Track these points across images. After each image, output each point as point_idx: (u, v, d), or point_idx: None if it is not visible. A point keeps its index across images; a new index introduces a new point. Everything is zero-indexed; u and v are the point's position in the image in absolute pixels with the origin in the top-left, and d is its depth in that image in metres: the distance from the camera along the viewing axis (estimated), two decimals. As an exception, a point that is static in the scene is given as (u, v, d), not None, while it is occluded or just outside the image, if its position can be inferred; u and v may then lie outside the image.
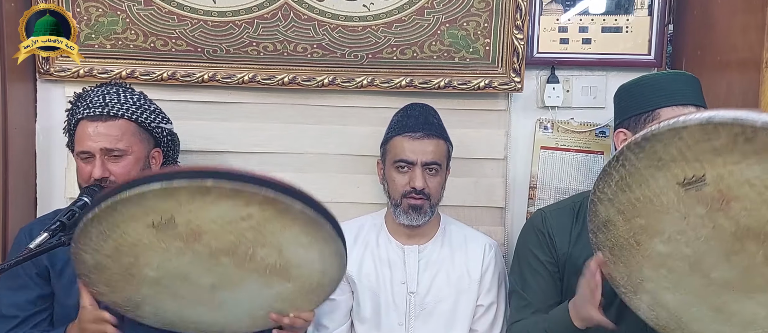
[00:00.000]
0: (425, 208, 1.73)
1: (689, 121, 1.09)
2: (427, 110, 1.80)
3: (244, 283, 1.36)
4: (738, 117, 1.05)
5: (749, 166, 1.08)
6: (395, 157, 1.73)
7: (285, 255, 1.32)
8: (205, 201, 1.20)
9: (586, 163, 2.05)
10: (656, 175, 1.16)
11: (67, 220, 1.36)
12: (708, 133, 1.08)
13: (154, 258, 1.30)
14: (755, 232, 1.14)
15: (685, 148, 1.11)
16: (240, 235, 1.27)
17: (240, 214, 1.23)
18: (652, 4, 2.00)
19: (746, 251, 1.17)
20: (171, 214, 1.22)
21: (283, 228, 1.26)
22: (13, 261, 1.26)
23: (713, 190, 1.13)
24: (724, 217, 1.15)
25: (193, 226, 1.24)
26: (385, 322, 1.76)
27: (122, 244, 1.27)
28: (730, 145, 1.07)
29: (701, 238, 1.19)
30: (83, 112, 1.59)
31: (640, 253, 1.26)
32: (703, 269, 1.22)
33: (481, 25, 1.93)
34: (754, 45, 1.60)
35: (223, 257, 1.30)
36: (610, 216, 1.26)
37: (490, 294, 1.79)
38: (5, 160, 1.84)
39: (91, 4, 1.90)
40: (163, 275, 1.33)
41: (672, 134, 1.11)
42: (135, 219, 1.23)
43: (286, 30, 1.92)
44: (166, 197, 1.19)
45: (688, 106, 1.50)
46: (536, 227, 1.68)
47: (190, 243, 1.27)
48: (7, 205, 1.85)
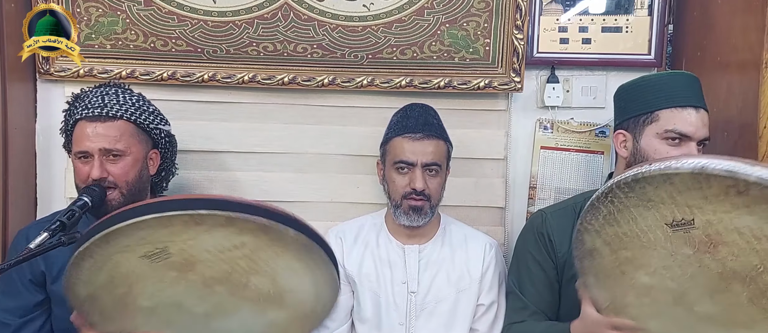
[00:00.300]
0: (425, 209, 1.73)
1: (681, 168, 1.09)
2: (427, 111, 1.80)
3: (237, 311, 1.35)
4: (731, 169, 1.05)
5: (740, 216, 1.09)
6: (395, 157, 1.73)
7: (278, 282, 1.31)
8: (198, 230, 1.19)
9: (586, 163, 2.05)
10: (645, 214, 1.17)
11: (67, 219, 1.36)
12: (700, 181, 1.08)
13: (147, 287, 1.29)
14: (741, 275, 1.15)
15: (675, 193, 1.11)
16: (233, 263, 1.26)
17: (233, 242, 1.22)
18: (652, 4, 2.00)
19: (731, 291, 1.18)
20: (164, 245, 1.21)
21: (276, 255, 1.26)
22: (13, 261, 1.26)
23: (701, 234, 1.14)
24: (711, 259, 1.16)
25: (187, 255, 1.24)
26: (385, 322, 1.77)
27: (115, 275, 1.26)
28: (721, 195, 1.08)
29: (687, 275, 1.20)
30: (82, 113, 1.59)
31: (624, 281, 1.27)
32: (687, 302, 1.23)
33: (481, 26, 1.93)
34: (754, 45, 1.60)
35: (217, 286, 1.30)
36: (597, 246, 1.26)
37: (490, 293, 1.79)
38: (5, 160, 1.84)
39: (91, 4, 1.90)
40: (157, 304, 1.33)
41: (663, 179, 1.11)
42: (128, 250, 1.22)
43: (286, 30, 1.92)
44: (159, 227, 1.19)
45: (688, 107, 1.50)
46: (536, 229, 1.68)
47: (183, 272, 1.27)
48: (7, 205, 1.85)
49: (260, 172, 2.04)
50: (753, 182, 1.04)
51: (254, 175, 2.03)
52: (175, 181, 1.86)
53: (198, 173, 2.01)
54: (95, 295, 1.30)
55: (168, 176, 1.80)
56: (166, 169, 1.77)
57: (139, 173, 1.61)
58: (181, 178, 1.91)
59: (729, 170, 1.05)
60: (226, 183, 2.02)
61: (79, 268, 1.25)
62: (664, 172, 1.10)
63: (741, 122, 1.67)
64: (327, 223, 1.96)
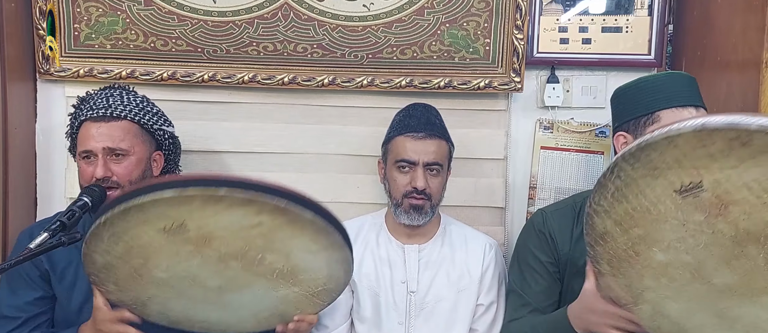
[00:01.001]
0: (426, 209, 1.73)
1: (683, 128, 1.08)
2: (430, 110, 1.80)
3: (251, 286, 1.37)
4: (732, 121, 1.04)
5: (746, 169, 1.08)
6: (397, 156, 1.73)
7: (292, 260, 1.33)
8: (217, 208, 1.21)
9: (586, 163, 2.05)
10: (652, 183, 1.16)
11: (67, 220, 1.36)
12: (703, 139, 1.07)
13: (163, 260, 1.31)
14: (755, 235, 1.14)
15: (680, 156, 1.10)
16: (250, 241, 1.28)
17: (251, 221, 1.24)
18: (652, 4, 2.00)
19: (747, 255, 1.16)
20: (183, 220, 1.23)
21: (292, 236, 1.28)
22: (13, 260, 1.26)
23: (711, 195, 1.12)
24: (723, 222, 1.14)
25: (204, 231, 1.25)
26: (385, 322, 1.77)
27: (133, 247, 1.28)
28: (725, 150, 1.07)
29: (701, 245, 1.18)
30: (86, 114, 1.60)
31: (639, 263, 1.26)
32: (705, 275, 1.21)
33: (481, 25, 1.93)
34: (754, 45, 1.60)
35: (232, 261, 1.31)
36: (608, 228, 1.25)
37: (490, 293, 1.79)
38: (5, 160, 1.84)
39: (91, 4, 1.90)
40: (171, 276, 1.34)
41: (666, 142, 1.10)
42: (147, 223, 1.24)
43: (286, 30, 1.92)
44: (179, 204, 1.20)
45: (688, 107, 1.50)
46: (537, 227, 1.68)
47: (200, 247, 1.28)
48: (7, 205, 1.85)
49: (260, 172, 2.03)
50: (755, 131, 1.02)
51: (254, 175, 2.03)
52: (175, 181, 1.86)
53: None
54: (111, 264, 1.32)
55: None
56: (170, 170, 1.78)
57: (142, 174, 1.61)
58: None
59: (730, 123, 1.04)
60: (226, 183, 2.02)
61: (99, 238, 1.27)
62: (667, 134, 1.09)
63: (741, 122, 1.67)
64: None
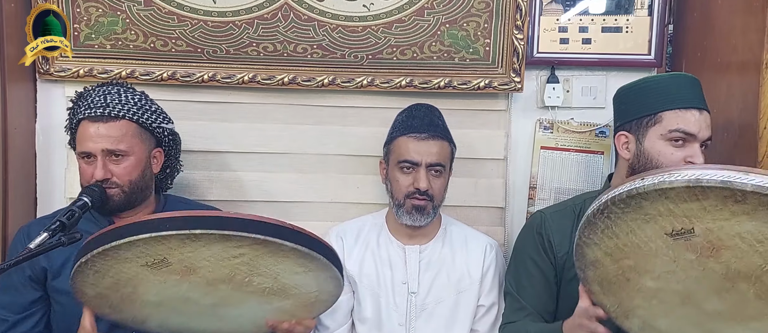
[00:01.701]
0: (428, 209, 1.73)
1: (675, 181, 1.07)
2: (432, 111, 1.80)
3: (244, 302, 1.38)
4: (726, 180, 1.04)
5: (740, 223, 1.08)
6: (399, 157, 1.73)
7: (281, 281, 1.33)
8: (195, 245, 1.21)
9: (586, 163, 2.05)
10: (643, 226, 1.16)
11: (67, 220, 1.36)
12: (696, 194, 1.07)
13: (152, 288, 1.32)
14: (746, 274, 1.15)
15: (672, 206, 1.11)
16: (234, 268, 1.28)
17: (232, 253, 1.24)
18: (652, 4, 2.00)
19: (737, 290, 1.17)
20: (163, 256, 1.24)
21: (276, 262, 1.28)
22: (13, 260, 1.26)
23: (702, 240, 1.13)
24: (715, 262, 1.15)
25: (187, 263, 1.26)
26: (385, 322, 1.77)
27: (120, 279, 1.29)
28: (719, 205, 1.07)
29: (691, 278, 1.19)
30: (84, 112, 1.59)
31: (630, 287, 1.26)
32: (695, 302, 1.23)
33: (481, 26, 1.93)
34: (754, 46, 1.60)
35: (220, 284, 1.32)
36: (598, 257, 1.26)
37: (491, 294, 1.79)
38: (5, 160, 1.84)
39: (91, 4, 1.90)
40: (164, 299, 1.35)
41: (658, 194, 1.10)
42: (128, 261, 1.25)
43: (286, 30, 1.92)
44: (156, 243, 1.21)
45: (691, 109, 1.50)
46: (535, 229, 1.67)
47: (186, 276, 1.29)
48: (7, 205, 1.85)
49: (260, 173, 2.03)
50: (750, 192, 1.03)
51: (254, 176, 2.03)
52: (177, 180, 1.86)
53: (198, 173, 2.01)
54: (103, 294, 1.33)
55: (173, 173, 1.81)
56: (171, 166, 1.78)
57: (142, 173, 1.61)
58: (182, 178, 1.91)
59: (724, 181, 1.04)
60: (227, 183, 2.02)
61: (84, 275, 1.28)
62: (659, 186, 1.09)
63: (741, 123, 1.67)
64: (327, 223, 1.96)
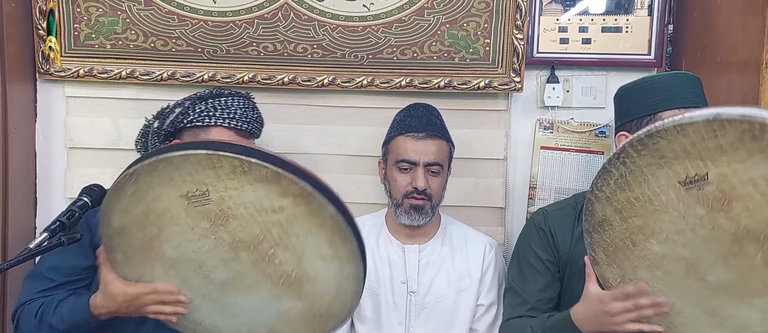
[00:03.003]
0: (427, 209, 1.73)
1: (696, 117, 1.08)
2: (430, 111, 1.80)
3: (255, 288, 1.34)
4: (746, 114, 1.05)
5: (754, 164, 1.08)
6: (397, 156, 1.73)
7: (303, 265, 1.30)
8: (242, 180, 1.20)
9: (586, 163, 2.05)
10: (657, 173, 1.15)
11: (67, 219, 1.36)
12: (714, 129, 1.07)
13: (176, 235, 1.29)
14: (755, 234, 1.14)
15: (689, 145, 1.10)
16: (266, 229, 1.26)
17: (272, 204, 1.22)
18: (652, 4, 2.00)
19: (744, 253, 1.16)
20: (206, 188, 1.22)
21: (309, 232, 1.26)
22: (13, 261, 1.26)
23: (715, 189, 1.12)
24: (724, 217, 1.14)
25: (225, 206, 1.24)
26: (385, 322, 1.77)
27: (151, 211, 1.26)
28: (736, 142, 1.07)
29: (699, 239, 1.18)
30: (229, 122, 1.61)
31: (635, 254, 1.26)
32: (700, 271, 1.22)
33: (481, 26, 1.93)
34: (754, 46, 1.60)
35: (243, 252, 1.29)
36: (607, 215, 1.25)
37: (490, 294, 1.79)
38: (5, 160, 1.84)
39: (91, 4, 1.90)
40: (180, 256, 1.32)
41: (677, 131, 1.10)
42: (171, 184, 1.22)
43: (286, 30, 1.92)
44: (208, 167, 1.20)
45: (690, 108, 1.49)
46: (538, 225, 1.67)
47: (216, 226, 1.26)
48: (7, 205, 1.85)
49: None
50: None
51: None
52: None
53: (198, 173, 2.01)
54: (126, 228, 1.30)
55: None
56: None
57: None
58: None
59: (744, 114, 1.05)
60: (226, 183, 2.02)
61: (122, 192, 1.25)
62: (679, 123, 1.09)
63: (741, 122, 1.67)
64: None
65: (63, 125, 2.00)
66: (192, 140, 1.58)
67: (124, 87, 1.99)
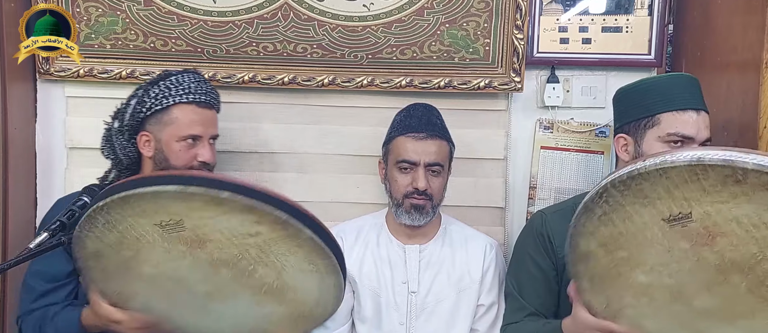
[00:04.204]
0: (427, 209, 1.73)
1: (677, 160, 1.08)
2: (431, 111, 1.80)
3: (236, 297, 1.35)
4: (728, 158, 1.05)
5: (738, 205, 1.08)
6: (398, 157, 1.73)
7: (284, 278, 1.31)
8: (217, 211, 1.20)
9: (586, 163, 2.05)
10: (641, 211, 1.16)
11: (67, 219, 1.36)
12: (697, 173, 1.07)
13: (154, 256, 1.29)
14: (740, 265, 1.15)
15: (672, 187, 1.11)
16: (244, 250, 1.26)
17: (248, 230, 1.22)
18: (652, 4, 2.00)
19: (729, 283, 1.17)
20: (180, 218, 1.22)
21: (288, 252, 1.26)
22: (13, 261, 1.26)
23: (699, 226, 1.13)
24: (709, 251, 1.15)
25: (200, 232, 1.24)
26: (386, 322, 1.77)
27: (126, 237, 1.26)
28: (718, 185, 1.07)
29: (684, 270, 1.19)
30: (189, 97, 1.61)
31: (620, 282, 1.26)
32: (685, 298, 1.22)
33: (481, 26, 1.93)
34: (754, 45, 1.60)
35: (222, 269, 1.30)
36: (591, 249, 1.25)
37: (491, 294, 1.79)
38: (5, 160, 1.84)
39: (91, 4, 1.90)
40: (159, 274, 1.32)
41: (659, 173, 1.10)
42: (144, 215, 1.22)
43: (285, 30, 1.92)
44: (180, 201, 1.19)
45: (688, 110, 1.50)
46: (536, 230, 1.67)
47: (193, 249, 1.26)
48: (7, 205, 1.85)
49: (260, 172, 2.03)
50: (751, 170, 1.03)
51: (254, 175, 2.03)
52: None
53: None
54: (102, 252, 1.30)
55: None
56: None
57: None
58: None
59: (726, 159, 1.05)
60: (226, 183, 2.02)
61: (93, 222, 1.25)
62: (660, 166, 1.09)
63: (741, 122, 1.67)
64: (327, 223, 1.90)
65: (63, 125, 2.00)
66: (154, 131, 1.60)
67: (124, 87, 1.98)
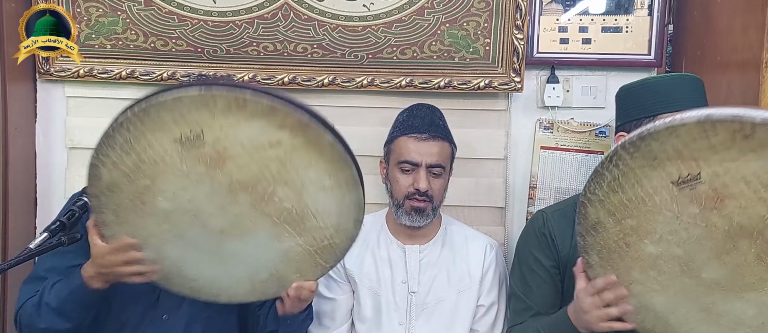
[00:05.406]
0: (428, 211, 1.73)
1: (687, 118, 1.09)
2: (433, 111, 1.80)
3: (254, 231, 1.31)
4: (736, 114, 1.06)
5: (746, 162, 1.09)
6: (399, 157, 1.73)
7: (303, 199, 1.28)
8: (238, 117, 1.18)
9: (586, 163, 2.05)
10: (650, 174, 1.16)
11: (67, 219, 1.36)
12: (705, 130, 1.08)
13: (170, 184, 1.25)
14: (748, 230, 1.15)
15: (681, 146, 1.11)
16: (264, 166, 1.23)
17: (269, 138, 1.20)
18: (652, 4, 2.00)
19: (738, 249, 1.17)
20: (201, 129, 1.19)
21: (308, 164, 1.24)
22: (13, 261, 1.26)
23: (708, 188, 1.13)
24: (718, 215, 1.15)
25: (220, 147, 1.21)
26: (385, 322, 1.76)
27: (143, 160, 1.23)
28: (727, 142, 1.08)
29: (693, 238, 1.19)
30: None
31: (629, 255, 1.26)
32: (694, 269, 1.22)
33: (481, 25, 1.93)
34: (754, 45, 1.60)
35: (241, 194, 1.26)
36: (601, 218, 1.25)
37: (491, 294, 1.79)
38: (5, 160, 1.84)
39: (91, 4, 1.90)
40: (174, 209, 1.28)
41: (668, 132, 1.11)
42: (164, 129, 1.19)
43: (286, 30, 1.92)
44: (201, 106, 1.17)
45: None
46: (537, 229, 1.67)
47: (212, 169, 1.23)
48: (7, 205, 1.85)
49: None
50: (759, 123, 1.04)
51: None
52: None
53: (198, 173, 2.01)
54: (116, 183, 1.26)
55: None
56: None
57: None
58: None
59: (734, 115, 1.06)
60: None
61: (111, 143, 1.22)
62: (670, 124, 1.10)
63: (741, 122, 1.67)
64: None
65: (63, 125, 2.00)
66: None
67: (124, 87, 1.99)
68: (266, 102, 1.17)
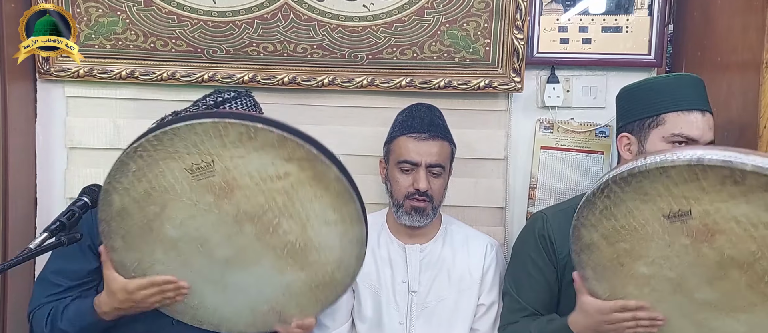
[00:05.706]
0: (428, 210, 1.73)
1: (677, 160, 1.10)
2: (433, 111, 1.80)
3: (258, 262, 1.33)
4: (727, 159, 1.07)
5: (736, 205, 1.10)
6: (399, 157, 1.73)
7: (307, 232, 1.30)
8: (248, 147, 1.20)
9: (586, 163, 2.05)
10: (641, 207, 1.17)
11: (67, 220, 1.36)
12: (696, 173, 1.09)
13: (179, 211, 1.28)
14: (739, 262, 1.16)
15: (672, 185, 1.12)
16: (271, 198, 1.25)
17: (278, 170, 1.23)
18: (652, 4, 2.00)
19: (729, 278, 1.19)
20: (212, 158, 1.22)
21: (313, 197, 1.26)
22: (13, 261, 1.26)
23: (698, 223, 1.15)
24: (709, 247, 1.17)
25: (229, 176, 1.23)
26: (386, 322, 1.76)
27: (154, 188, 1.25)
28: (717, 185, 1.09)
29: (685, 264, 1.20)
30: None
31: (623, 273, 1.27)
32: (686, 290, 1.24)
33: (481, 26, 1.93)
34: (754, 46, 1.60)
35: (247, 224, 1.28)
36: (594, 240, 1.26)
37: (491, 293, 1.79)
38: (5, 160, 1.84)
39: (91, 4, 1.90)
40: (182, 236, 1.30)
41: (659, 172, 1.12)
42: (176, 157, 1.22)
43: (286, 30, 1.92)
44: (214, 136, 1.20)
45: (693, 111, 1.50)
46: (537, 231, 1.66)
47: (220, 198, 1.25)
48: (7, 205, 1.85)
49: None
50: (749, 171, 1.05)
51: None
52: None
53: (198, 173, 2.01)
54: (127, 210, 1.29)
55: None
56: None
57: None
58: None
59: (725, 160, 1.06)
60: (226, 183, 2.02)
61: (125, 170, 1.25)
62: (660, 165, 1.11)
63: (741, 122, 1.67)
64: None
65: (63, 125, 2.01)
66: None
67: (124, 87, 1.99)
68: (276, 133, 1.19)
